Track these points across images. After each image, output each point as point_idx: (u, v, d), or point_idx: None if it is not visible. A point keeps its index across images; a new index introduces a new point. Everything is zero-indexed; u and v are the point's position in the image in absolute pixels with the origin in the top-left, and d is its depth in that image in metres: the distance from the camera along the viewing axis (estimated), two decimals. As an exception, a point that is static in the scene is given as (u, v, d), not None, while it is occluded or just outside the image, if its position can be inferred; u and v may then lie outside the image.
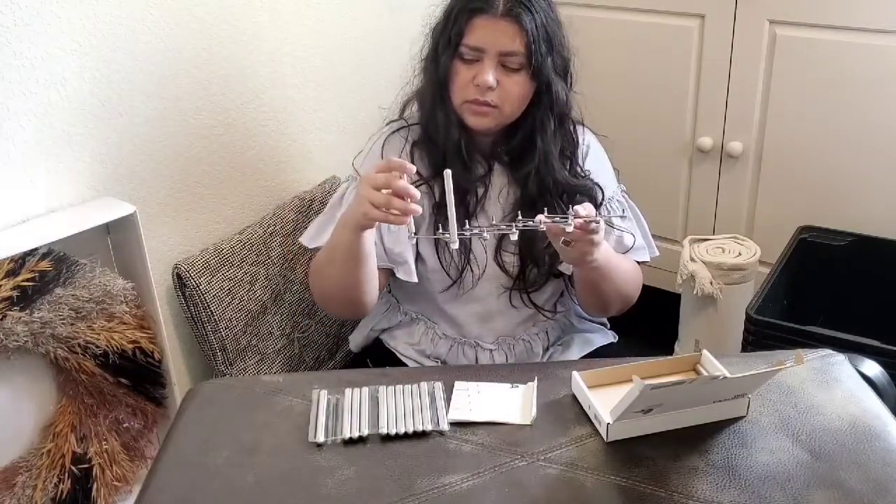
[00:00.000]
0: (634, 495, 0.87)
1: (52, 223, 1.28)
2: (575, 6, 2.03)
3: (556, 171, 1.28)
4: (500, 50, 1.20)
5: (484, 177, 1.31)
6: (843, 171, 1.83)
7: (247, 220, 1.65)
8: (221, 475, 0.91)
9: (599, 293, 1.29)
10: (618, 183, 1.40)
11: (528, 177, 1.28)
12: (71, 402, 1.35)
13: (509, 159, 1.31)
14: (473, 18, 1.20)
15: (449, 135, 1.27)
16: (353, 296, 1.24)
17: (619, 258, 1.28)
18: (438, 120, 1.27)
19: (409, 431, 0.96)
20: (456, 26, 1.21)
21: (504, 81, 1.22)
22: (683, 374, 1.05)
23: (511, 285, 1.34)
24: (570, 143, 1.32)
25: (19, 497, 1.29)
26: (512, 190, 1.32)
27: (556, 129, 1.28)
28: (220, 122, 1.56)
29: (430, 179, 1.30)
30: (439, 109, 1.27)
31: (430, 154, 1.30)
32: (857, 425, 0.96)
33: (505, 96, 1.22)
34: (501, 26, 1.20)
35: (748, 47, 1.85)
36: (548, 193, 1.28)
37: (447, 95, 1.26)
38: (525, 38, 1.19)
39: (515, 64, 1.21)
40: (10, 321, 1.20)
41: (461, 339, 1.37)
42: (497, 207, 1.32)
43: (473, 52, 1.21)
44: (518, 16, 1.19)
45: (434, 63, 1.26)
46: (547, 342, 1.40)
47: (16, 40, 1.22)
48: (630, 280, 1.31)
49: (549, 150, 1.27)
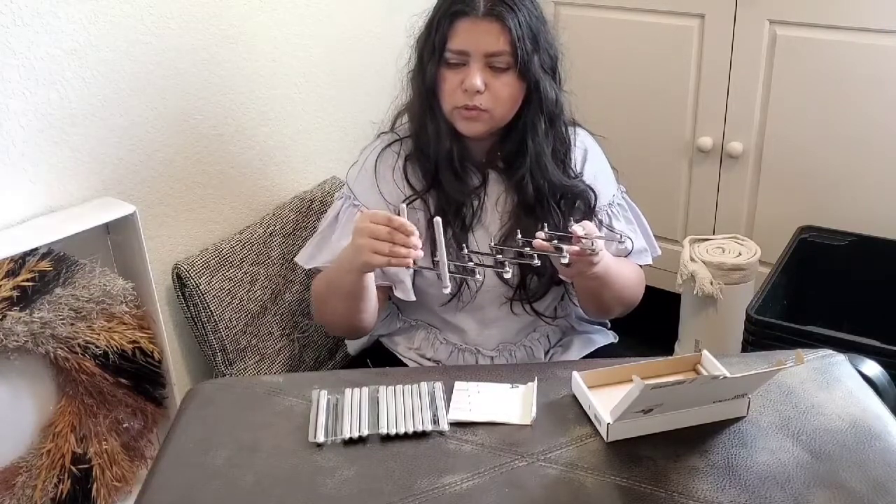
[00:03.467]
0: (634, 495, 0.87)
1: (52, 223, 1.28)
2: (575, 6, 2.02)
3: (550, 173, 1.26)
4: (485, 51, 1.19)
5: (479, 188, 1.29)
6: (843, 171, 1.83)
7: (247, 220, 1.65)
8: (221, 475, 0.91)
9: (600, 300, 1.28)
10: (618, 184, 1.39)
11: (523, 181, 1.26)
12: (71, 402, 1.35)
13: (504, 165, 1.30)
14: (455, 22, 1.19)
15: (441, 145, 1.25)
16: (354, 323, 1.26)
17: (620, 264, 1.26)
18: (429, 130, 1.25)
19: (409, 431, 0.96)
20: (439, 32, 1.20)
21: (492, 83, 1.20)
22: (683, 374, 1.05)
23: (512, 295, 1.33)
24: (563, 143, 1.30)
25: (19, 497, 1.29)
26: (509, 197, 1.30)
27: (548, 129, 1.26)
28: (220, 122, 1.56)
29: (425, 193, 1.28)
30: (429, 119, 1.25)
31: (422, 166, 1.29)
32: (857, 425, 0.96)
33: (494, 99, 1.21)
34: (484, 27, 1.18)
35: (748, 47, 1.85)
36: (544, 198, 1.27)
37: (436, 104, 1.24)
38: (509, 36, 1.18)
39: (502, 64, 1.20)
40: (10, 321, 1.20)
41: (462, 346, 1.37)
42: (494, 217, 1.31)
43: (459, 56, 1.20)
44: (500, 14, 1.17)
45: (420, 73, 1.25)
46: (548, 345, 1.40)
47: (16, 40, 1.21)
48: (631, 285, 1.30)
49: (541, 151, 1.26)
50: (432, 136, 1.25)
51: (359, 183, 1.33)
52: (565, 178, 1.29)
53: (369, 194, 1.31)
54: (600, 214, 1.32)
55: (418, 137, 1.28)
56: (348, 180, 1.35)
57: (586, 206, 1.31)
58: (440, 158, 1.26)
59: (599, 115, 1.40)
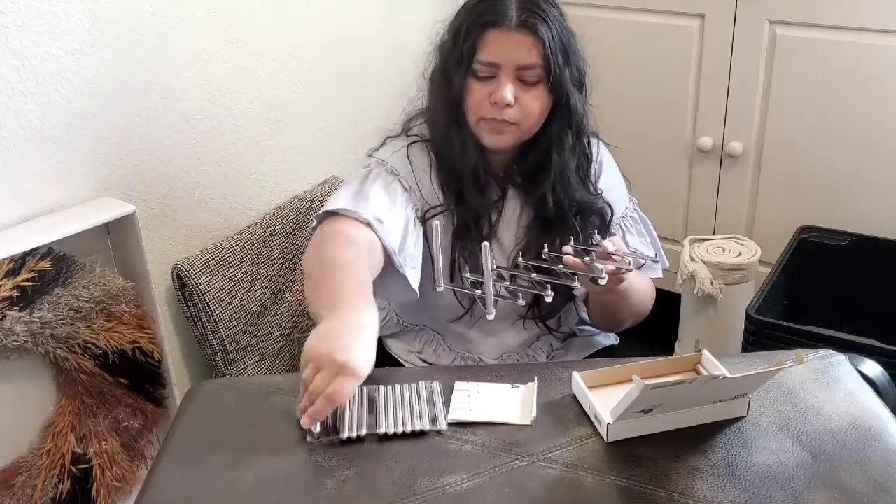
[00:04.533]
0: (634, 495, 0.87)
1: (52, 223, 1.28)
2: (575, 6, 2.02)
3: (572, 188, 1.23)
4: (516, 64, 1.15)
5: (497, 201, 1.26)
6: (843, 171, 1.83)
7: (247, 220, 1.65)
8: (221, 475, 0.91)
9: (616, 314, 1.27)
10: (630, 196, 1.36)
11: (544, 196, 1.23)
12: (71, 402, 1.35)
13: (523, 181, 1.26)
14: (486, 32, 1.15)
15: (466, 158, 1.21)
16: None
17: (636, 277, 1.22)
18: (455, 142, 1.20)
19: (408, 431, 0.96)
20: (467, 42, 1.16)
21: (522, 97, 1.16)
22: (683, 374, 1.05)
23: (525, 313, 1.30)
24: (586, 158, 1.27)
25: (19, 497, 1.29)
26: (526, 213, 1.27)
27: (575, 143, 1.23)
28: (221, 122, 1.56)
29: (452, 206, 1.24)
30: (454, 132, 1.20)
31: (447, 176, 1.24)
32: (857, 425, 0.96)
33: (524, 112, 1.17)
34: (516, 39, 1.14)
35: (748, 47, 1.84)
36: (564, 214, 1.24)
37: (462, 116, 1.20)
38: (542, 49, 1.14)
39: (533, 77, 1.16)
40: (10, 321, 1.20)
41: (465, 354, 1.34)
42: (510, 232, 1.28)
43: (488, 69, 1.16)
44: (533, 26, 1.13)
45: (446, 82, 1.19)
46: (550, 351, 1.38)
47: (16, 40, 1.22)
48: (646, 298, 1.28)
49: (566, 166, 1.22)
50: (458, 148, 1.21)
51: (396, 160, 1.25)
52: (586, 193, 1.26)
53: (407, 176, 1.24)
54: (613, 227, 1.30)
55: (442, 149, 1.24)
56: (378, 155, 1.26)
57: (601, 221, 1.28)
58: (465, 171, 1.22)
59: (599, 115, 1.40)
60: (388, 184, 1.21)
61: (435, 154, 1.25)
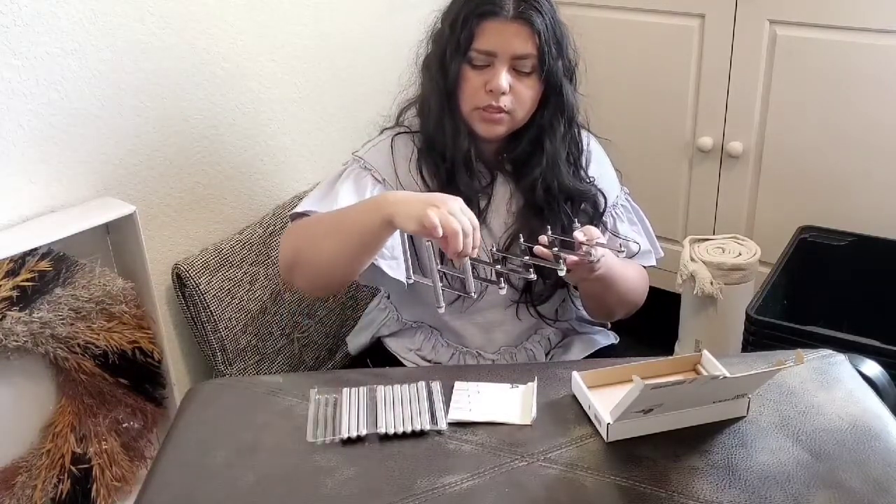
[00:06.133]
0: (634, 495, 0.87)
1: (52, 223, 1.28)
2: (575, 6, 2.03)
3: (563, 176, 1.26)
4: (512, 53, 1.18)
5: (487, 187, 1.28)
6: (844, 171, 1.83)
7: (247, 220, 1.65)
8: (221, 475, 0.91)
9: (603, 302, 1.28)
10: (621, 186, 1.39)
11: (535, 183, 1.25)
12: (71, 402, 1.35)
13: (512, 168, 1.29)
14: (483, 22, 1.18)
15: (458, 145, 1.23)
16: (338, 276, 1.17)
17: (624, 266, 1.25)
18: (447, 130, 1.23)
19: (408, 431, 0.96)
20: (464, 31, 1.18)
21: (516, 86, 1.19)
22: (683, 374, 1.05)
23: (518, 298, 1.32)
24: (576, 147, 1.30)
25: (19, 497, 1.29)
26: (515, 199, 1.30)
27: (566, 132, 1.26)
28: (221, 122, 1.56)
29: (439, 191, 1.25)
30: (447, 119, 1.23)
31: (434, 163, 1.26)
32: (857, 425, 0.96)
33: (518, 101, 1.20)
34: (513, 29, 1.17)
35: (748, 47, 1.85)
36: (553, 201, 1.26)
37: (455, 104, 1.23)
38: (536, 39, 1.18)
39: (527, 67, 1.19)
40: (9, 321, 1.20)
41: (463, 349, 1.36)
42: (499, 218, 1.30)
43: (485, 57, 1.19)
44: (529, 17, 1.17)
45: (440, 71, 1.22)
46: (549, 347, 1.39)
47: (16, 40, 1.22)
48: (635, 287, 1.30)
49: (557, 154, 1.25)
50: (450, 135, 1.23)
51: (373, 155, 1.28)
52: (577, 181, 1.29)
53: (385, 168, 1.27)
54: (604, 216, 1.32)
55: (434, 135, 1.26)
56: (358, 154, 1.29)
57: (594, 209, 1.30)
58: (457, 158, 1.24)
59: (599, 115, 1.40)
60: (359, 179, 1.25)
61: (422, 141, 1.28)
